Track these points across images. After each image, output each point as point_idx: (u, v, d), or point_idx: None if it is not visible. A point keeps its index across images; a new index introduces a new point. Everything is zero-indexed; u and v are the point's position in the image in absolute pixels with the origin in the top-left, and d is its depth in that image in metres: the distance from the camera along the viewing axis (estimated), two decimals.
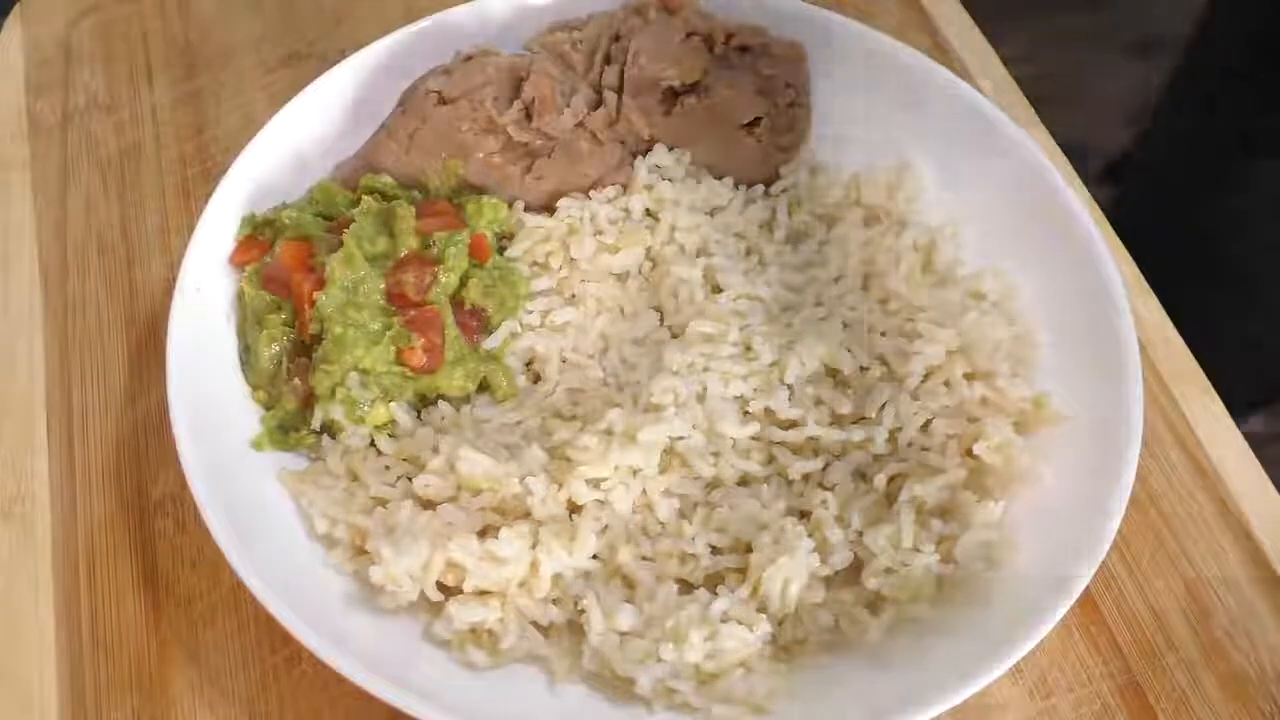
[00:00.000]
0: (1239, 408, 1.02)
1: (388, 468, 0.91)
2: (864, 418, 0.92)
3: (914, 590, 0.84)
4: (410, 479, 0.89)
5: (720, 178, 1.06)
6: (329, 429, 0.92)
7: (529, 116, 1.02)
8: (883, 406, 0.91)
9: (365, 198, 0.97)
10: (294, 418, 0.92)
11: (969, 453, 0.89)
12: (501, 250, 1.01)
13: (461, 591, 0.84)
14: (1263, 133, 1.44)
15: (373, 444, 0.92)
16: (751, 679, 0.81)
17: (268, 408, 0.93)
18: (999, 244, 1.00)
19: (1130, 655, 0.89)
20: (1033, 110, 1.18)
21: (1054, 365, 0.94)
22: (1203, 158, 1.53)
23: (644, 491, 0.88)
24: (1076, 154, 1.15)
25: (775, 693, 0.81)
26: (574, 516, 0.87)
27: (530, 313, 0.99)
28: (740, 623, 0.82)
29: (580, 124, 1.03)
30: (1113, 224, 1.10)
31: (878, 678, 0.82)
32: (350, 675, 0.77)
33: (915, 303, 0.97)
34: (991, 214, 1.01)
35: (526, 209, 1.03)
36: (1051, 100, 1.26)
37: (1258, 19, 1.40)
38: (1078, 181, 1.09)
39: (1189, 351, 1.03)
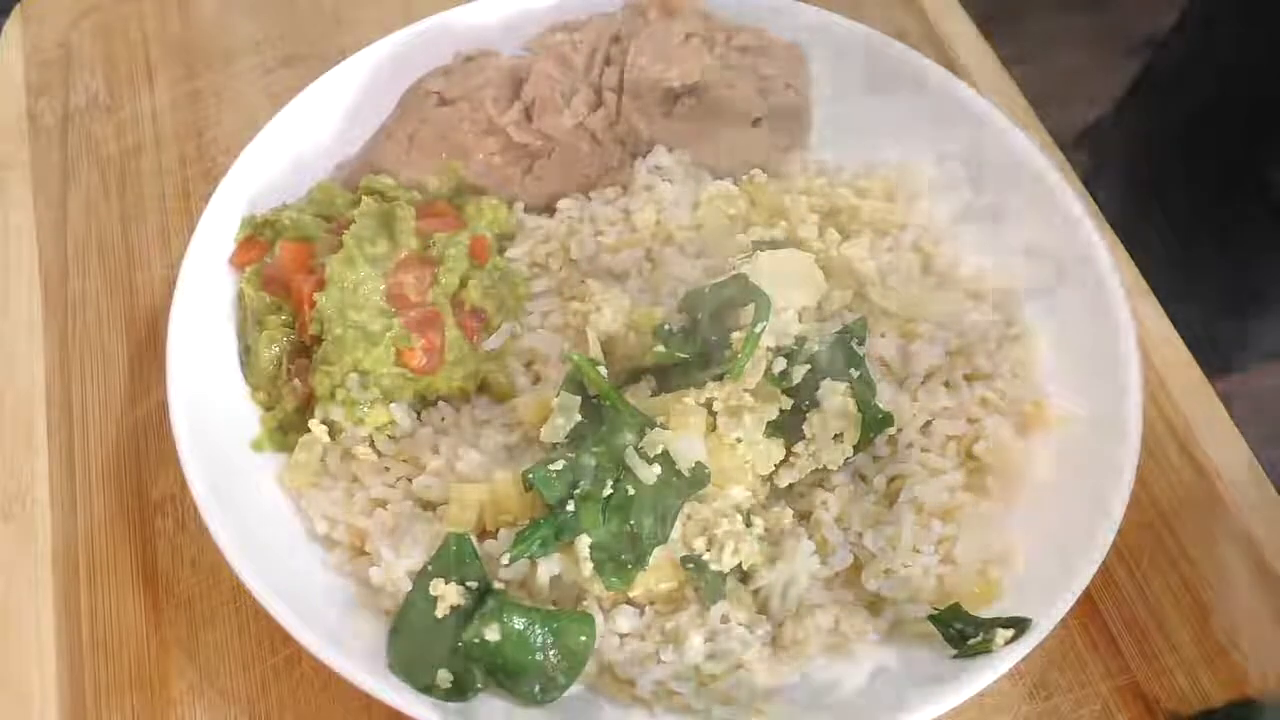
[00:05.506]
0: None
1: (388, 469, 0.91)
2: None
3: (914, 591, 0.84)
4: (410, 480, 0.89)
5: (720, 178, 1.06)
6: (329, 430, 0.92)
7: (529, 117, 1.02)
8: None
9: (365, 198, 0.97)
10: (294, 418, 0.92)
11: (969, 454, 0.89)
12: (501, 251, 1.00)
13: None
14: None
15: (372, 445, 0.92)
16: (751, 680, 0.81)
17: (268, 408, 0.93)
18: (999, 244, 1.00)
19: (1130, 655, 0.89)
20: (1032, 110, 1.17)
21: (1054, 365, 0.94)
22: None
23: None
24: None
25: (775, 694, 0.81)
26: None
27: (530, 313, 0.99)
28: (740, 624, 0.82)
29: (580, 125, 1.03)
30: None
31: (877, 678, 0.82)
32: (350, 675, 0.77)
33: (915, 303, 0.97)
34: (991, 214, 1.01)
35: (526, 210, 1.03)
36: (1051, 100, 1.26)
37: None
38: (1077, 182, 1.08)
39: (1189, 351, 1.03)
